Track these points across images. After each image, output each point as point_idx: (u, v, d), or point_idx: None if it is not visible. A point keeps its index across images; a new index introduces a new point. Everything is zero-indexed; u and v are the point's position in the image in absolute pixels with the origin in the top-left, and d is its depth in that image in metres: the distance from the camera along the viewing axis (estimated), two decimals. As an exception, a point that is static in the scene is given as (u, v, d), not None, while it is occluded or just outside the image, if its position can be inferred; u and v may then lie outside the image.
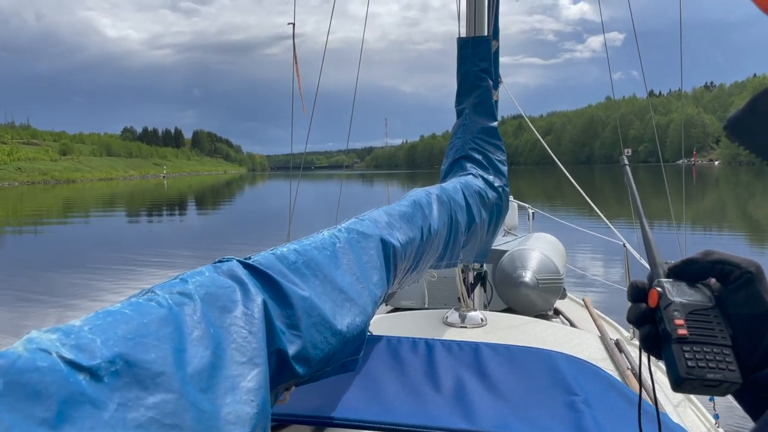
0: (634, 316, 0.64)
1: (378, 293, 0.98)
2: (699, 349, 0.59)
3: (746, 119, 0.52)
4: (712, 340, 0.59)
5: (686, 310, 0.61)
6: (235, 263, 0.72)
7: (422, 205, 1.41)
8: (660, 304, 0.62)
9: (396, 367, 1.36)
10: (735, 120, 0.53)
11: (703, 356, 0.58)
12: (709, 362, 0.58)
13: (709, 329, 0.60)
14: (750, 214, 21.53)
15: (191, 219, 27.38)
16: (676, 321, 0.60)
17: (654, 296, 0.63)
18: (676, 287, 0.63)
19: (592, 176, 56.67)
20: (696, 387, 0.58)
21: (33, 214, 30.69)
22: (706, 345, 0.59)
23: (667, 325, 0.60)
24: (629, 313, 0.65)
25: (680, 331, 0.59)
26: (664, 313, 0.61)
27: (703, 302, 0.62)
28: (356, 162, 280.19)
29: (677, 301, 0.62)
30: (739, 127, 0.53)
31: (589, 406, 1.19)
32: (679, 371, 0.58)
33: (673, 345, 0.59)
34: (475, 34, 2.56)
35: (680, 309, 0.61)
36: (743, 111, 0.52)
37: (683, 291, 0.63)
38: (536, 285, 3.32)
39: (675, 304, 0.61)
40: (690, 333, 0.59)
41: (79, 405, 0.43)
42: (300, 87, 3.53)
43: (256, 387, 0.60)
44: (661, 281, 0.64)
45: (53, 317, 8.36)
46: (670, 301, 0.62)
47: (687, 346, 0.59)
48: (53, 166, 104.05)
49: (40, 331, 0.46)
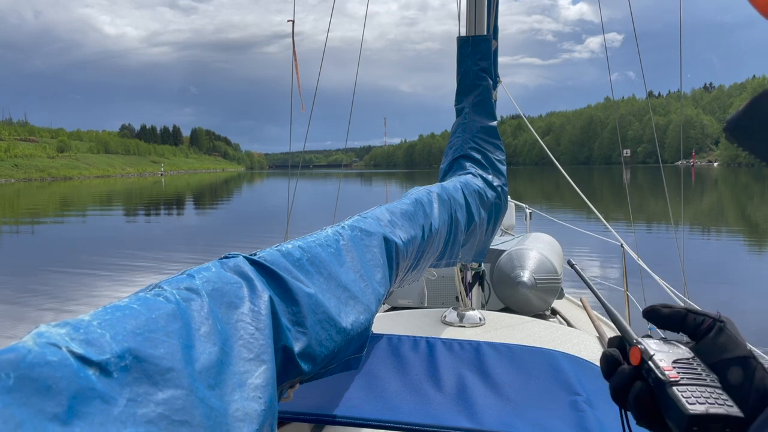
0: (621, 379, 0.64)
1: (381, 291, 0.98)
2: (694, 389, 0.59)
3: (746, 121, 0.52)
4: (702, 382, 0.60)
5: (670, 360, 0.62)
6: (242, 259, 0.71)
7: (423, 204, 1.41)
8: (644, 357, 0.63)
9: (397, 365, 1.36)
10: (735, 121, 0.53)
11: (700, 394, 0.58)
12: (707, 399, 0.58)
13: (696, 374, 0.61)
14: (749, 215, 21.58)
15: (188, 217, 27.33)
16: (665, 368, 0.61)
17: (636, 353, 0.64)
18: (654, 343, 0.65)
19: (591, 177, 56.72)
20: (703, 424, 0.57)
21: (29, 212, 30.60)
22: (699, 386, 0.59)
23: (659, 374, 0.61)
24: (613, 381, 0.65)
25: (671, 375, 0.60)
26: (651, 364, 0.62)
27: (683, 353, 0.64)
28: (355, 161, 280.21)
29: (660, 352, 0.63)
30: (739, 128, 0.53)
31: (591, 406, 1.19)
32: (682, 410, 0.57)
33: (669, 390, 0.59)
34: (475, 33, 2.56)
35: (665, 358, 0.62)
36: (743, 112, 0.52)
37: (661, 346, 0.64)
38: (534, 285, 3.32)
39: (659, 355, 0.63)
40: (681, 376, 0.60)
41: (89, 400, 0.43)
42: (300, 86, 3.53)
43: (264, 384, 0.60)
44: (639, 340, 0.66)
45: (50, 315, 8.34)
46: (654, 351, 0.63)
47: (682, 387, 0.59)
48: (50, 163, 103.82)
49: (50, 325, 0.46)
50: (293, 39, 3.46)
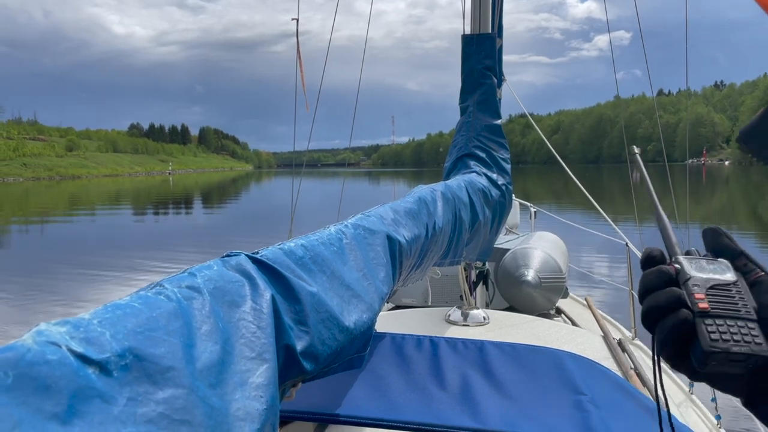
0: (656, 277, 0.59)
1: (385, 290, 0.98)
2: (722, 322, 0.55)
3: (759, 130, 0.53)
4: (735, 314, 0.56)
5: (706, 285, 0.58)
6: (244, 258, 0.71)
7: (427, 203, 1.41)
8: (678, 279, 0.59)
9: (401, 364, 1.36)
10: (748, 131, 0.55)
11: (726, 329, 0.55)
12: (733, 335, 0.55)
13: (731, 303, 0.57)
14: (760, 214, 21.38)
15: (196, 216, 27.43)
16: (697, 295, 0.57)
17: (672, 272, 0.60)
18: (694, 263, 0.60)
19: (600, 175, 56.42)
20: (721, 362, 0.55)
21: (38, 211, 30.80)
22: (729, 319, 0.56)
23: (687, 300, 0.57)
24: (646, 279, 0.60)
25: (701, 305, 0.56)
26: (683, 288, 0.58)
27: (724, 277, 0.59)
28: (363, 159, 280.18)
29: (696, 276, 0.59)
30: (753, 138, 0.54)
31: (597, 406, 1.19)
32: (702, 344, 0.54)
33: (696, 321, 0.56)
34: (480, 31, 2.56)
35: (700, 284, 0.58)
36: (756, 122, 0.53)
37: (701, 266, 0.60)
38: (538, 284, 3.31)
39: (694, 279, 0.58)
40: (711, 307, 0.56)
41: (88, 399, 0.43)
42: (303, 83, 3.53)
43: (266, 383, 0.60)
44: (678, 257, 0.62)
45: (58, 313, 8.39)
46: (689, 275, 0.59)
47: (709, 320, 0.56)
48: (59, 162, 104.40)
49: (49, 324, 0.45)
50: (297, 38, 3.46)
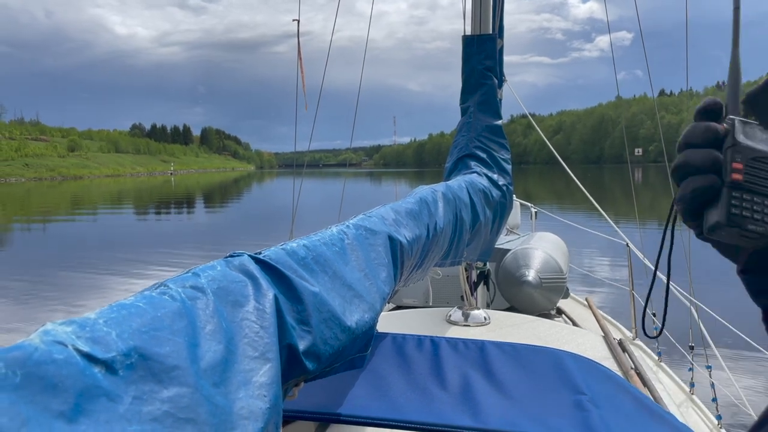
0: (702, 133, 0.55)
1: (386, 290, 0.99)
2: (749, 197, 0.52)
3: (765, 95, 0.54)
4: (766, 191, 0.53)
5: (750, 155, 0.53)
6: (247, 258, 0.72)
7: (428, 203, 1.41)
8: (726, 141, 0.55)
9: (402, 364, 1.37)
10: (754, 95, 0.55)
11: (751, 206, 0.52)
12: (755, 213, 0.52)
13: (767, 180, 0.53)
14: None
15: (198, 216, 27.46)
16: (735, 164, 0.53)
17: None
18: (749, 128, 0.55)
19: (602, 176, 56.37)
20: (732, 235, 0.53)
21: (40, 211, 30.84)
22: (758, 195, 0.53)
23: (723, 167, 0.54)
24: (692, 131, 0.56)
25: (735, 175, 0.53)
26: (725, 153, 0.54)
27: None
28: (364, 160, 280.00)
29: (743, 143, 0.54)
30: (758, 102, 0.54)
31: (597, 405, 1.19)
32: (719, 215, 0.52)
33: (723, 190, 0.53)
34: (481, 32, 2.56)
35: (743, 152, 0.53)
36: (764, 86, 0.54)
37: (754, 134, 0.55)
38: (539, 284, 3.32)
39: (740, 146, 0.54)
40: (745, 180, 0.53)
41: (95, 398, 0.43)
42: (304, 84, 3.54)
43: (269, 382, 0.61)
44: (732, 117, 0.56)
45: (60, 312, 8.41)
46: (736, 141, 0.54)
47: (737, 192, 0.53)
48: (61, 162, 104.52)
49: (56, 323, 0.46)
50: (298, 39, 3.47)
